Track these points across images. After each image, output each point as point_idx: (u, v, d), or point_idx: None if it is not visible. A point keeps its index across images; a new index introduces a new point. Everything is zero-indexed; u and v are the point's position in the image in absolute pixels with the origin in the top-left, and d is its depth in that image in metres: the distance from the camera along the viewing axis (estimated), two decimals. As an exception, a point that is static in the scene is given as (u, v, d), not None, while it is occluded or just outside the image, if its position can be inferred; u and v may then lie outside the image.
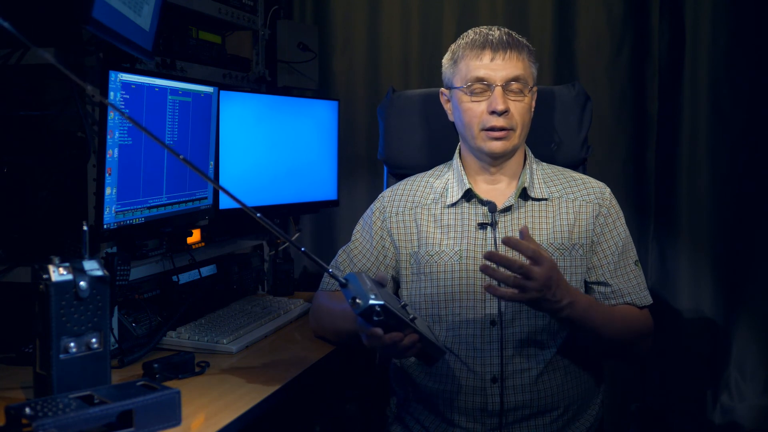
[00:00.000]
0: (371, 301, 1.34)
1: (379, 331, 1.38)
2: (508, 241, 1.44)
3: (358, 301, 1.34)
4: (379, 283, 1.44)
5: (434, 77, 2.66)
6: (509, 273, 1.43)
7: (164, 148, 1.32)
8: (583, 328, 1.60)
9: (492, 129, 1.67)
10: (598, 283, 1.72)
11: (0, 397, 1.44)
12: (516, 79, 1.67)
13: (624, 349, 1.74)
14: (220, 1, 2.24)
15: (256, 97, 2.29)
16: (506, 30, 1.71)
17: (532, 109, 1.73)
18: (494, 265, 1.44)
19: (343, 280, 1.37)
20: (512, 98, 1.67)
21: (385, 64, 2.76)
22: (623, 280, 1.72)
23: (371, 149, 2.73)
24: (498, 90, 1.66)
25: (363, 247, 1.81)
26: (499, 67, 1.66)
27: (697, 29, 2.47)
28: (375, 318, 1.35)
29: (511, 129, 1.67)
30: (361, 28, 2.79)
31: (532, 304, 1.51)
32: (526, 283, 1.43)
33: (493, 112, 1.66)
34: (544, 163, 1.83)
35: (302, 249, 1.36)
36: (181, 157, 1.28)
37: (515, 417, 1.65)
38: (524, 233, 1.46)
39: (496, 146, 1.68)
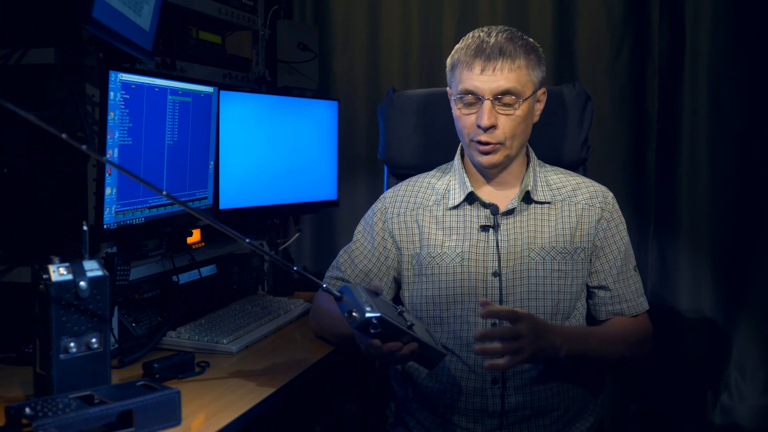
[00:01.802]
0: (368, 314, 1.33)
1: (377, 342, 1.38)
2: (486, 314, 1.46)
3: (354, 314, 1.33)
4: (374, 293, 1.44)
5: (434, 77, 2.67)
6: (500, 345, 1.47)
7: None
8: (583, 358, 1.64)
9: (479, 143, 1.65)
10: (600, 287, 1.72)
11: (0, 397, 1.44)
12: (506, 92, 1.61)
13: (623, 363, 1.79)
14: (220, 1, 2.24)
15: (256, 97, 2.29)
16: (506, 34, 1.64)
17: (537, 113, 1.71)
18: (488, 342, 1.48)
19: (338, 294, 1.36)
20: (502, 111, 1.63)
21: (385, 64, 2.76)
22: (624, 286, 1.73)
23: (371, 149, 2.74)
24: (486, 104, 1.61)
25: (364, 248, 1.81)
26: (488, 79, 1.61)
27: (697, 29, 2.47)
28: (372, 330, 1.35)
29: (499, 143, 1.65)
30: (361, 28, 2.79)
31: (534, 360, 1.55)
32: (519, 343, 1.46)
33: (479, 126, 1.64)
34: (548, 165, 1.82)
35: (294, 268, 1.38)
36: (163, 192, 1.30)
37: (516, 418, 1.65)
38: (483, 304, 1.48)
39: (484, 160, 1.67)
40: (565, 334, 1.57)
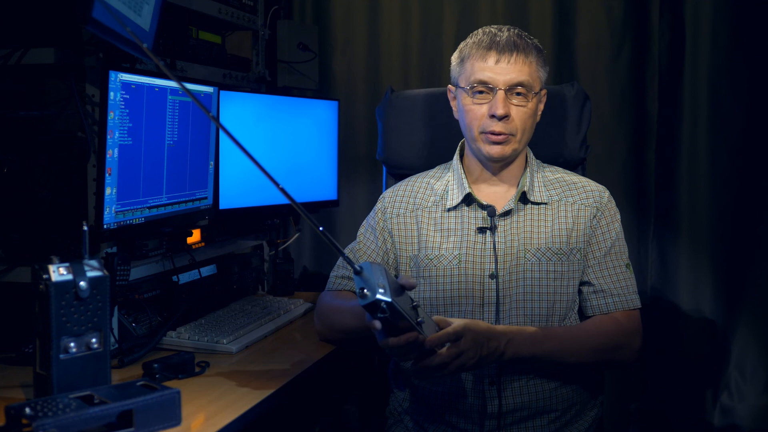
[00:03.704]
0: (378, 296, 1.31)
1: (377, 324, 1.37)
2: (430, 344, 1.43)
3: (366, 292, 1.32)
4: (401, 285, 1.40)
5: (434, 77, 2.67)
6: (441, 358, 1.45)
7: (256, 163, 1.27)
8: (538, 358, 1.59)
9: (492, 133, 1.66)
10: (584, 283, 1.71)
11: (0, 397, 1.44)
12: (520, 84, 1.64)
13: (599, 364, 1.71)
14: (220, 1, 2.24)
15: (256, 97, 2.29)
16: (516, 31, 1.68)
17: (539, 113, 1.72)
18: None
19: (358, 268, 1.34)
20: (515, 103, 1.65)
21: (385, 64, 2.76)
22: (609, 281, 1.69)
23: (371, 149, 2.73)
24: (500, 94, 1.64)
25: (368, 248, 1.81)
26: (503, 70, 1.64)
27: (697, 29, 2.47)
28: (379, 315, 1.34)
29: (511, 134, 1.66)
30: (361, 28, 2.79)
31: (478, 367, 1.55)
32: (461, 360, 1.46)
33: (493, 116, 1.65)
34: (546, 165, 1.82)
35: (320, 228, 1.30)
36: (295, 203, 1.26)
37: (514, 418, 1.65)
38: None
39: (494, 150, 1.68)
40: (510, 336, 1.55)
